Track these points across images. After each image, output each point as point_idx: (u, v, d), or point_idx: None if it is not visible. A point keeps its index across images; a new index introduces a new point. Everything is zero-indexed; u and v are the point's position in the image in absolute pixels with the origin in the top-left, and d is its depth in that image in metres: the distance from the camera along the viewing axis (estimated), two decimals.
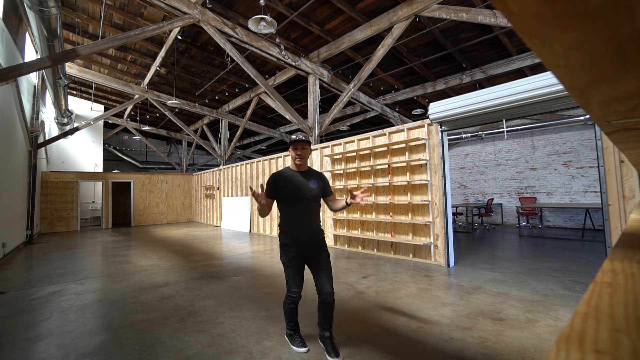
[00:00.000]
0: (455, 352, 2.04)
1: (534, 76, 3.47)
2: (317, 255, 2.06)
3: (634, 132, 0.47)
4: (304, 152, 2.06)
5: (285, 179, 2.03)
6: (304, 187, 2.03)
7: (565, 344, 0.22)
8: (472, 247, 5.95)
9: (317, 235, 2.09)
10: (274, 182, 2.02)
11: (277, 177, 2.05)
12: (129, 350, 2.13)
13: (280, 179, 2.03)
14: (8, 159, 5.51)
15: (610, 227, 3.13)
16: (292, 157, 2.09)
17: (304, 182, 2.05)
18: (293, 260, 2.01)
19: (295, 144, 2.06)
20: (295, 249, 2.01)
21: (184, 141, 16.17)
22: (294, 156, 2.07)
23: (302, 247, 2.02)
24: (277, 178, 2.04)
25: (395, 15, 5.43)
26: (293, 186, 2.02)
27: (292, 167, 2.12)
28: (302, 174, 2.09)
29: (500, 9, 0.18)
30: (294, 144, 2.06)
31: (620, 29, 0.18)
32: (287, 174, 2.07)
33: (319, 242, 2.10)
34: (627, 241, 0.61)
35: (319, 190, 2.11)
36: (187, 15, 5.34)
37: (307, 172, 2.12)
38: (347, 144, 6.04)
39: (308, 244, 2.03)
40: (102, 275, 4.20)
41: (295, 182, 2.03)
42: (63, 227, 9.77)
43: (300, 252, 2.02)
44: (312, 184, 2.07)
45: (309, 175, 2.11)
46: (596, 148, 3.24)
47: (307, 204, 2.04)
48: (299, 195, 2.02)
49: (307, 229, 2.03)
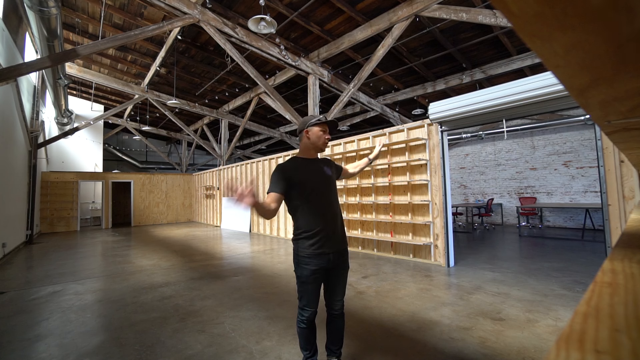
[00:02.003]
0: (455, 352, 2.04)
1: (534, 76, 3.47)
2: (340, 268, 1.68)
3: (634, 132, 0.47)
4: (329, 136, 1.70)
5: (297, 169, 1.63)
6: (322, 175, 1.67)
7: (565, 344, 0.22)
8: (472, 247, 5.95)
9: (344, 240, 1.72)
10: (284, 172, 1.59)
11: (286, 167, 1.62)
12: (129, 350, 2.13)
13: (291, 169, 1.62)
14: (8, 159, 5.51)
15: (610, 227, 3.13)
16: (316, 141, 1.65)
17: (320, 169, 1.69)
18: (314, 274, 1.59)
19: (323, 125, 1.66)
20: (317, 260, 1.58)
21: (184, 141, 16.16)
22: (322, 141, 1.65)
23: (327, 257, 1.60)
24: (287, 167, 1.62)
25: (395, 15, 5.43)
26: (311, 175, 1.63)
27: (304, 154, 1.71)
28: (314, 162, 1.71)
29: (500, 9, 0.18)
30: (323, 125, 1.66)
31: (620, 29, 0.18)
32: (298, 162, 1.67)
33: (344, 250, 1.72)
34: (627, 241, 0.61)
35: (334, 175, 1.78)
36: (187, 15, 5.34)
37: (316, 160, 1.74)
38: (347, 144, 6.04)
39: (335, 252, 1.63)
40: (102, 275, 4.20)
41: (312, 170, 1.66)
42: (63, 227, 9.77)
43: (324, 263, 1.60)
44: (327, 170, 1.72)
45: (319, 162, 1.74)
46: (596, 148, 3.24)
47: (330, 197, 1.67)
48: (320, 186, 1.63)
49: (333, 231, 1.63)
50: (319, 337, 1.79)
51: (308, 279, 1.59)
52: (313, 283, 1.60)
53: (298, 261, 1.62)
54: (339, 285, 1.70)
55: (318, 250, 1.58)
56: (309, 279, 1.59)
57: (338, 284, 1.70)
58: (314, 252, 1.58)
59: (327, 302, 1.73)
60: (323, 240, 1.58)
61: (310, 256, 1.58)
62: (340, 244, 1.66)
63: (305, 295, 1.62)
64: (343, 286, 1.72)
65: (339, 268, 1.68)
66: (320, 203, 1.62)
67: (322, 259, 1.58)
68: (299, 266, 1.62)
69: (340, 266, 1.68)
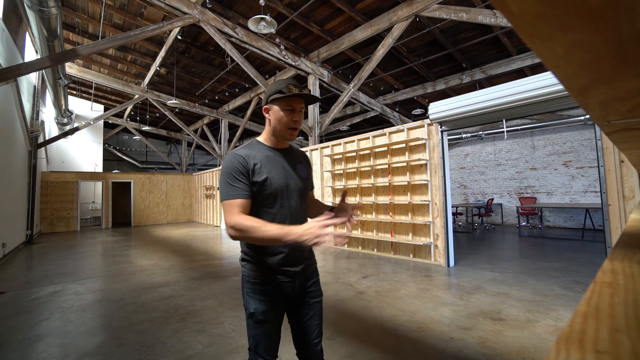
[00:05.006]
0: (455, 352, 2.04)
1: (534, 76, 3.47)
2: (308, 297, 1.19)
3: (634, 132, 0.47)
4: (301, 117, 1.13)
5: (260, 162, 1.10)
6: (291, 175, 1.16)
7: (565, 344, 0.22)
8: (472, 247, 5.95)
9: (312, 259, 1.24)
10: (243, 166, 1.06)
11: (245, 157, 1.08)
12: (129, 350, 2.13)
13: (250, 162, 1.08)
14: (8, 159, 5.51)
15: (610, 227, 3.13)
16: (276, 125, 1.12)
17: (289, 166, 1.17)
18: (273, 308, 1.11)
19: (290, 100, 1.09)
20: (276, 287, 1.12)
21: (184, 141, 16.17)
22: (287, 121, 1.10)
23: (288, 283, 1.13)
24: (247, 159, 1.08)
25: (395, 15, 5.44)
26: (276, 174, 1.11)
27: (268, 141, 1.17)
28: (284, 154, 1.19)
29: (500, 9, 0.18)
30: (289, 100, 1.09)
31: (620, 29, 0.18)
32: (262, 153, 1.13)
33: (314, 272, 1.23)
34: (627, 241, 0.61)
35: (308, 180, 1.26)
36: (187, 15, 5.34)
37: (289, 152, 1.22)
38: (347, 144, 6.04)
39: (300, 276, 1.15)
40: (102, 275, 4.20)
41: (278, 166, 1.13)
42: (63, 227, 9.77)
43: (285, 291, 1.13)
44: (300, 171, 1.21)
45: (292, 155, 1.22)
46: (596, 148, 3.24)
47: (298, 205, 1.16)
48: (286, 189, 1.13)
49: (299, 248, 1.12)
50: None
51: (265, 316, 1.10)
52: (272, 321, 1.12)
53: (247, 289, 1.13)
54: (313, 320, 1.19)
55: (278, 272, 1.12)
56: (266, 314, 1.10)
57: (312, 319, 1.19)
58: (272, 275, 1.12)
59: (302, 350, 1.20)
60: (285, 260, 1.12)
61: (267, 281, 1.12)
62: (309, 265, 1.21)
63: (262, 340, 1.11)
64: (320, 319, 1.22)
65: (306, 294, 1.20)
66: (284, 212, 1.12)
67: (282, 285, 1.13)
68: (249, 297, 1.12)
69: (309, 290, 1.21)
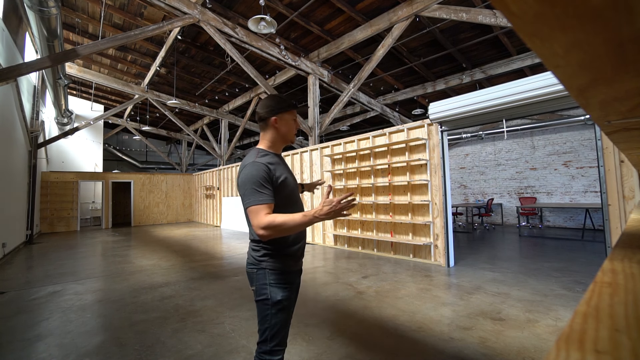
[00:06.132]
0: (455, 352, 2.04)
1: (534, 76, 3.47)
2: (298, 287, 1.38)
3: (634, 132, 0.47)
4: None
5: (277, 167, 1.27)
6: (293, 176, 1.37)
7: (565, 344, 0.22)
8: (472, 247, 5.95)
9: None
10: (268, 174, 1.20)
11: (268, 166, 1.23)
12: (129, 350, 2.13)
13: (272, 169, 1.24)
14: (8, 159, 5.51)
15: (610, 227, 3.13)
16: (286, 134, 1.33)
17: (289, 168, 1.39)
18: (293, 293, 1.30)
19: (294, 111, 1.34)
20: (296, 274, 1.33)
21: (184, 141, 16.17)
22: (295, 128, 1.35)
23: (300, 270, 1.36)
24: (270, 168, 1.23)
25: (395, 15, 5.44)
26: (288, 175, 1.31)
27: (272, 148, 1.34)
28: (282, 158, 1.38)
29: (500, 9, 0.18)
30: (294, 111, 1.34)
31: (620, 29, 0.18)
32: (274, 159, 1.29)
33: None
34: (627, 241, 0.61)
35: None
36: (187, 15, 5.34)
37: (282, 156, 1.41)
38: (347, 144, 6.04)
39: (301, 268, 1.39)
40: (102, 275, 4.20)
41: (286, 170, 1.33)
42: (63, 227, 9.77)
43: (299, 277, 1.36)
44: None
45: (283, 159, 1.42)
46: (596, 148, 3.24)
47: (300, 200, 1.40)
48: (295, 188, 1.35)
49: (304, 242, 1.37)
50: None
51: (288, 302, 1.25)
52: (289, 308, 1.26)
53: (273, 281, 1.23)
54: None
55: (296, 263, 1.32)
56: (289, 301, 1.25)
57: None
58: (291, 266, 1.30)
59: None
60: (300, 252, 1.33)
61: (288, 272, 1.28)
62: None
63: (283, 327, 1.22)
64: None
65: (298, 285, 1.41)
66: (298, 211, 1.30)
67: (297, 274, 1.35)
68: (274, 288, 1.22)
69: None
